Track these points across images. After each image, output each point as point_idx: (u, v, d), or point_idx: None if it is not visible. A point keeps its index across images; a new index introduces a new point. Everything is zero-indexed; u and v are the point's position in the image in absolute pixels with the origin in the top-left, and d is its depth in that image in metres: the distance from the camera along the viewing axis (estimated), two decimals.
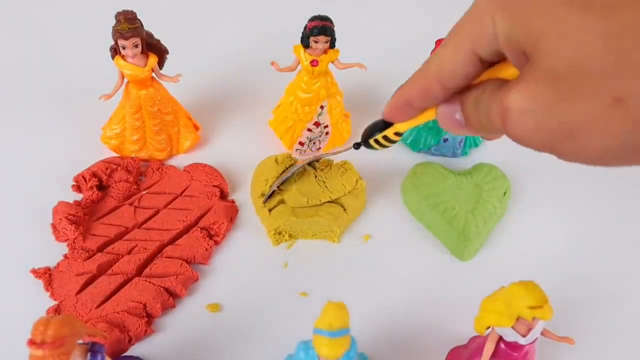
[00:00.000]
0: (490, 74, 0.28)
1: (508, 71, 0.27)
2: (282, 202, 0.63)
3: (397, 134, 0.36)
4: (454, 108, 0.30)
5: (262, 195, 0.64)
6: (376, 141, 0.37)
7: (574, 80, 0.22)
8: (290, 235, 0.63)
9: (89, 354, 0.41)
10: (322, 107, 0.68)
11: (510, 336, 0.45)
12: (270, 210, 0.62)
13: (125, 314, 0.55)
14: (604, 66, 0.21)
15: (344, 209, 0.63)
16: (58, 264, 0.59)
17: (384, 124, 0.36)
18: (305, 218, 0.61)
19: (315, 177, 0.63)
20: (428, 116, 0.33)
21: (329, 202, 0.63)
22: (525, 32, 0.24)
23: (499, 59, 0.27)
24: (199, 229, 0.62)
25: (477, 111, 0.28)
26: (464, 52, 0.27)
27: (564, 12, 0.22)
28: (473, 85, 0.29)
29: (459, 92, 0.29)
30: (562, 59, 0.22)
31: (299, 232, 0.63)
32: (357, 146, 0.40)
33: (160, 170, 0.69)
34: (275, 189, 0.62)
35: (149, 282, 0.57)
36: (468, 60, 0.27)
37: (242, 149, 0.72)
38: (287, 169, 0.64)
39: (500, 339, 0.46)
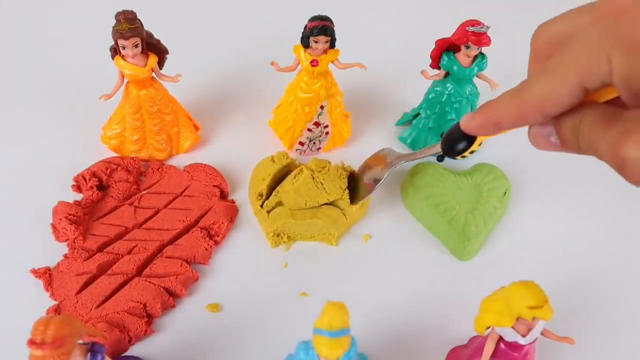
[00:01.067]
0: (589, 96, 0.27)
1: (608, 95, 0.27)
2: (280, 204, 0.63)
3: (479, 143, 0.36)
4: (549, 131, 0.29)
5: (260, 195, 0.64)
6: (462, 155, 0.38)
7: None
8: (288, 237, 0.63)
9: (89, 354, 0.41)
10: (322, 107, 0.68)
11: (510, 336, 0.45)
12: (268, 212, 0.62)
13: (125, 314, 0.55)
14: None
15: (343, 213, 0.63)
16: (58, 264, 0.59)
17: (464, 136, 0.35)
18: (303, 220, 0.61)
19: (313, 178, 0.63)
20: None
21: (327, 204, 0.63)
22: None
23: (604, 88, 0.26)
24: (199, 229, 0.62)
25: (575, 137, 0.27)
26: (572, 85, 0.26)
27: None
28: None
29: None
30: None
31: (297, 234, 0.63)
32: (441, 159, 0.41)
33: (160, 170, 0.69)
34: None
35: (149, 282, 0.57)
36: (575, 93, 0.26)
37: (242, 149, 0.72)
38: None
39: (500, 339, 0.46)
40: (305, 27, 0.62)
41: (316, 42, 0.62)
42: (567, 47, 0.26)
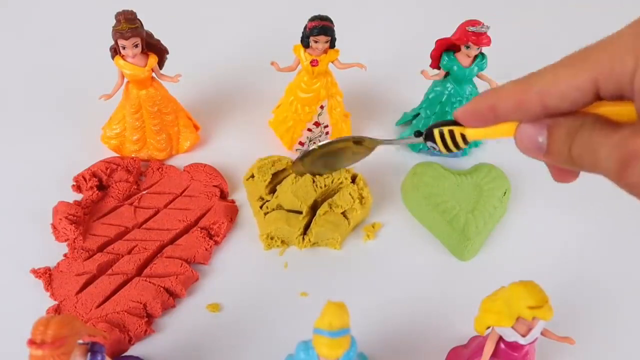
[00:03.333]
0: (591, 107, 0.26)
1: (616, 108, 0.26)
2: (280, 206, 0.63)
3: (463, 138, 0.33)
4: (539, 131, 0.27)
5: (261, 198, 0.64)
6: (441, 136, 0.34)
7: None
8: (282, 242, 0.63)
9: (89, 354, 0.41)
10: (322, 107, 0.68)
11: (510, 336, 0.45)
12: (265, 213, 0.62)
13: (125, 314, 0.55)
14: None
15: (345, 217, 0.63)
16: (58, 264, 0.59)
17: (454, 123, 0.33)
18: (298, 228, 0.61)
19: (314, 182, 0.63)
20: (503, 131, 0.30)
21: (327, 210, 0.63)
22: None
23: (614, 99, 0.25)
24: (199, 229, 0.62)
25: (569, 143, 0.26)
26: (584, 79, 0.25)
27: None
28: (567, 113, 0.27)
29: (549, 116, 0.27)
30: None
31: (293, 239, 0.62)
32: (417, 134, 0.38)
33: (160, 170, 0.69)
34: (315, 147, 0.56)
35: (149, 282, 0.57)
36: (585, 88, 0.25)
37: (242, 149, 0.72)
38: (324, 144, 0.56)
39: (500, 338, 0.46)
40: (305, 27, 0.62)
41: (316, 42, 0.62)
42: (593, 45, 0.25)
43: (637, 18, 0.25)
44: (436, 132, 0.35)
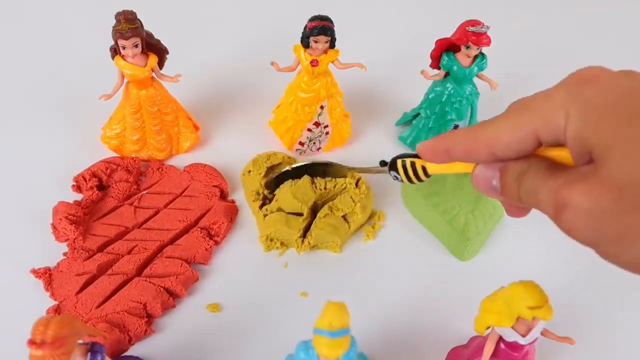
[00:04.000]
0: (539, 149, 0.28)
1: (556, 152, 0.28)
2: (280, 209, 0.63)
3: (425, 171, 0.36)
4: (492, 174, 0.30)
5: (257, 193, 0.64)
6: (404, 168, 0.37)
7: (637, 195, 0.23)
8: (282, 243, 0.63)
9: (89, 354, 0.41)
10: (322, 107, 0.68)
11: (510, 336, 0.45)
12: (265, 215, 0.62)
13: (125, 314, 0.55)
14: None
15: (345, 220, 0.63)
16: (58, 264, 0.59)
17: (417, 156, 0.36)
18: (298, 230, 0.61)
19: (313, 183, 0.63)
20: (462, 168, 0.32)
21: (328, 213, 0.62)
22: (597, 136, 0.24)
23: (555, 145, 0.27)
24: (199, 229, 0.62)
25: (517, 185, 0.28)
26: (525, 132, 0.27)
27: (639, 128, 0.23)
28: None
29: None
30: (630, 173, 0.23)
31: (293, 241, 0.62)
32: (383, 164, 0.40)
33: (160, 170, 0.69)
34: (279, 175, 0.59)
35: (149, 282, 0.57)
36: (526, 140, 0.27)
37: (242, 149, 0.72)
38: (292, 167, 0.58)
39: (500, 339, 0.46)
40: (305, 27, 0.62)
41: (316, 42, 0.62)
42: (532, 98, 0.28)
43: (569, 75, 0.27)
44: (399, 162, 0.37)
